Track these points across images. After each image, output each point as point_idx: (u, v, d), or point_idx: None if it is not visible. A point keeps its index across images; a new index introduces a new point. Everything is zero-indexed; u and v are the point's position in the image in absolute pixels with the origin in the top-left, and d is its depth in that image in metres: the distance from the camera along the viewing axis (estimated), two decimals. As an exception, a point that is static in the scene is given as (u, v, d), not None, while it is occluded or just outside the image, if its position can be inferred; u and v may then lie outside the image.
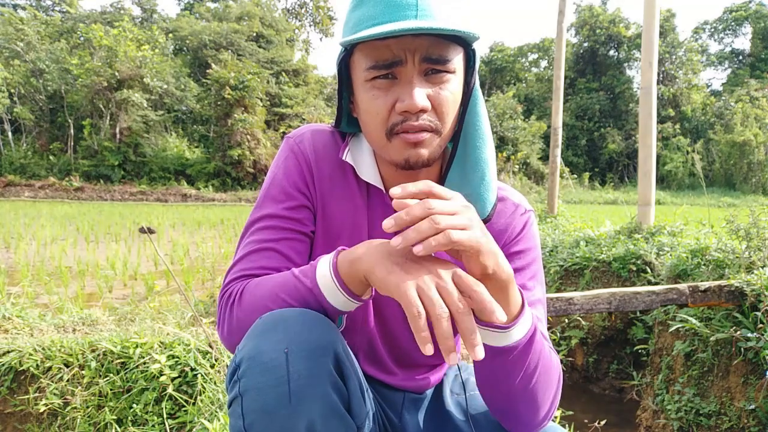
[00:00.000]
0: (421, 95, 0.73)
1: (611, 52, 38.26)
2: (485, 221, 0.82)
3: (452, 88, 0.77)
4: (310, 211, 0.88)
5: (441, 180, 0.89)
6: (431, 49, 0.73)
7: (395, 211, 0.87)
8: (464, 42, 0.77)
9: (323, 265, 0.73)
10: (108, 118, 23.37)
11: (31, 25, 26.20)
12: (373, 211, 0.89)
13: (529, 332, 0.72)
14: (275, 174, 0.89)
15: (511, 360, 0.71)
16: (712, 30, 44.13)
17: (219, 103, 24.01)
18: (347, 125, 0.91)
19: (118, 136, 23.48)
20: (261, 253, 0.83)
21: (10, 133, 23.30)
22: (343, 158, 0.88)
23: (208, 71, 24.73)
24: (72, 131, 23.50)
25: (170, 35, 29.99)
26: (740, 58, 42.45)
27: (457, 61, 0.77)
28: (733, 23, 42.41)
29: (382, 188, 0.88)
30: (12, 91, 23.19)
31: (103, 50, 23.47)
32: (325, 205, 0.89)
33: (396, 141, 0.77)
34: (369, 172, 0.87)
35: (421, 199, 0.64)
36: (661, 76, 34.91)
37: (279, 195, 0.86)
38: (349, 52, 0.78)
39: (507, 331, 0.70)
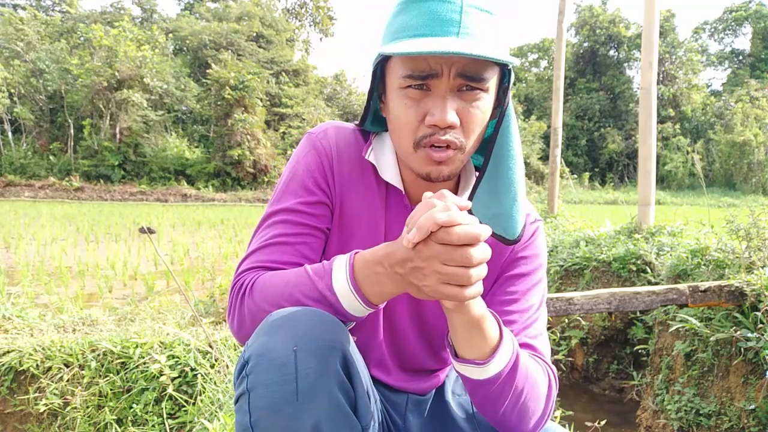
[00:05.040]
0: (451, 112, 0.74)
1: (611, 52, 38.25)
2: (516, 242, 0.83)
3: (483, 106, 0.77)
4: (328, 208, 0.88)
5: (457, 189, 0.90)
6: (468, 66, 0.73)
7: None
8: (501, 63, 0.77)
9: (339, 270, 0.73)
10: (108, 118, 23.37)
11: (31, 25, 26.18)
12: (390, 211, 0.89)
13: (511, 362, 0.73)
14: (295, 168, 0.89)
15: (497, 388, 0.73)
16: (712, 30, 44.12)
17: (219, 103, 24.02)
18: (372, 124, 0.92)
19: (118, 136, 23.47)
20: (276, 247, 0.83)
21: (10, 133, 23.30)
22: (367, 158, 0.88)
23: (208, 71, 24.73)
24: (72, 131, 23.49)
25: (170, 35, 29.96)
26: (740, 58, 42.43)
27: (491, 80, 0.77)
28: (733, 23, 42.40)
29: (402, 189, 0.88)
30: (12, 91, 23.17)
31: (103, 50, 23.48)
32: (344, 202, 0.89)
33: (421, 153, 0.77)
34: (390, 173, 0.87)
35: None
36: (661, 76, 34.89)
37: (299, 190, 0.86)
38: (387, 54, 0.79)
39: (485, 366, 0.72)
